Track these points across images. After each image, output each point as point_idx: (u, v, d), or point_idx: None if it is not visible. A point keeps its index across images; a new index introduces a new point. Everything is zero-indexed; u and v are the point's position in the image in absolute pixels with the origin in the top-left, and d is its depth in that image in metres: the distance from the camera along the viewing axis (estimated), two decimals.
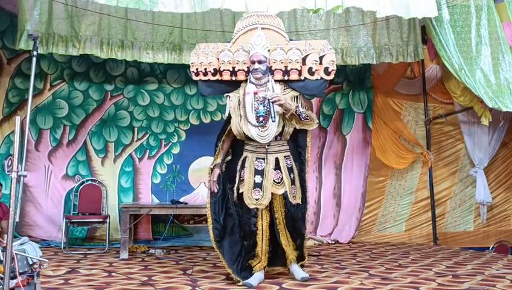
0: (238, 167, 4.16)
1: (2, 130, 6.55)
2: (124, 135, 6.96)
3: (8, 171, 6.36)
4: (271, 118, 3.94)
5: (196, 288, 3.77)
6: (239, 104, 4.14)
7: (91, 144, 6.85)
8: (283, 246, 4.09)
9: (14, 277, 2.80)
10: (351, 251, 6.34)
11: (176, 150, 7.10)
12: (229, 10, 6.27)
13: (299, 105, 4.14)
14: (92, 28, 5.97)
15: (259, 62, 4.08)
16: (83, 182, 6.67)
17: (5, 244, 2.71)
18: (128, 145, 6.97)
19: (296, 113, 4.05)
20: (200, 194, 7.02)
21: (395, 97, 7.79)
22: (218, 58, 4.28)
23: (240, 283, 3.94)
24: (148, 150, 7.01)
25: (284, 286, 3.89)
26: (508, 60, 5.98)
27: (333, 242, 7.14)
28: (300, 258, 4.26)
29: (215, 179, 4.21)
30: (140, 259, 5.46)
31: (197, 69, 4.33)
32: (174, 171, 7.05)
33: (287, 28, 6.48)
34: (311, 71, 4.18)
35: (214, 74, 4.32)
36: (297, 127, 4.13)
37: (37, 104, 6.71)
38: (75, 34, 5.92)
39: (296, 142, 4.28)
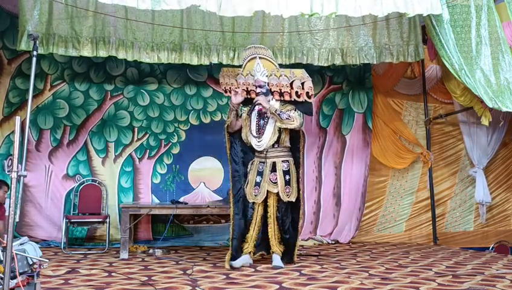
0: (248, 169, 5.04)
1: (3, 130, 6.55)
2: (124, 135, 6.96)
3: (8, 171, 6.36)
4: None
5: (196, 288, 3.78)
6: (246, 118, 5.07)
7: (91, 144, 6.85)
8: (269, 235, 4.87)
9: (14, 277, 2.80)
10: (351, 251, 6.35)
11: (175, 150, 7.10)
12: None
13: (279, 109, 4.88)
14: (92, 28, 5.97)
15: (260, 86, 4.99)
16: (83, 182, 6.67)
17: (5, 244, 2.71)
18: (128, 145, 6.97)
19: (275, 113, 4.81)
20: (199, 194, 7.03)
21: (395, 97, 7.79)
22: (236, 80, 5.20)
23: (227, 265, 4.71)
24: (148, 150, 7.02)
25: (284, 285, 3.90)
26: (508, 60, 5.98)
27: (333, 242, 7.15)
28: (288, 259, 4.92)
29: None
30: (140, 259, 5.47)
31: (224, 87, 5.38)
32: (174, 171, 7.05)
33: (288, 29, 6.52)
34: (297, 94, 4.95)
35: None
36: (281, 126, 4.85)
37: (38, 105, 6.71)
38: (75, 34, 5.92)
39: (294, 148, 5.06)
